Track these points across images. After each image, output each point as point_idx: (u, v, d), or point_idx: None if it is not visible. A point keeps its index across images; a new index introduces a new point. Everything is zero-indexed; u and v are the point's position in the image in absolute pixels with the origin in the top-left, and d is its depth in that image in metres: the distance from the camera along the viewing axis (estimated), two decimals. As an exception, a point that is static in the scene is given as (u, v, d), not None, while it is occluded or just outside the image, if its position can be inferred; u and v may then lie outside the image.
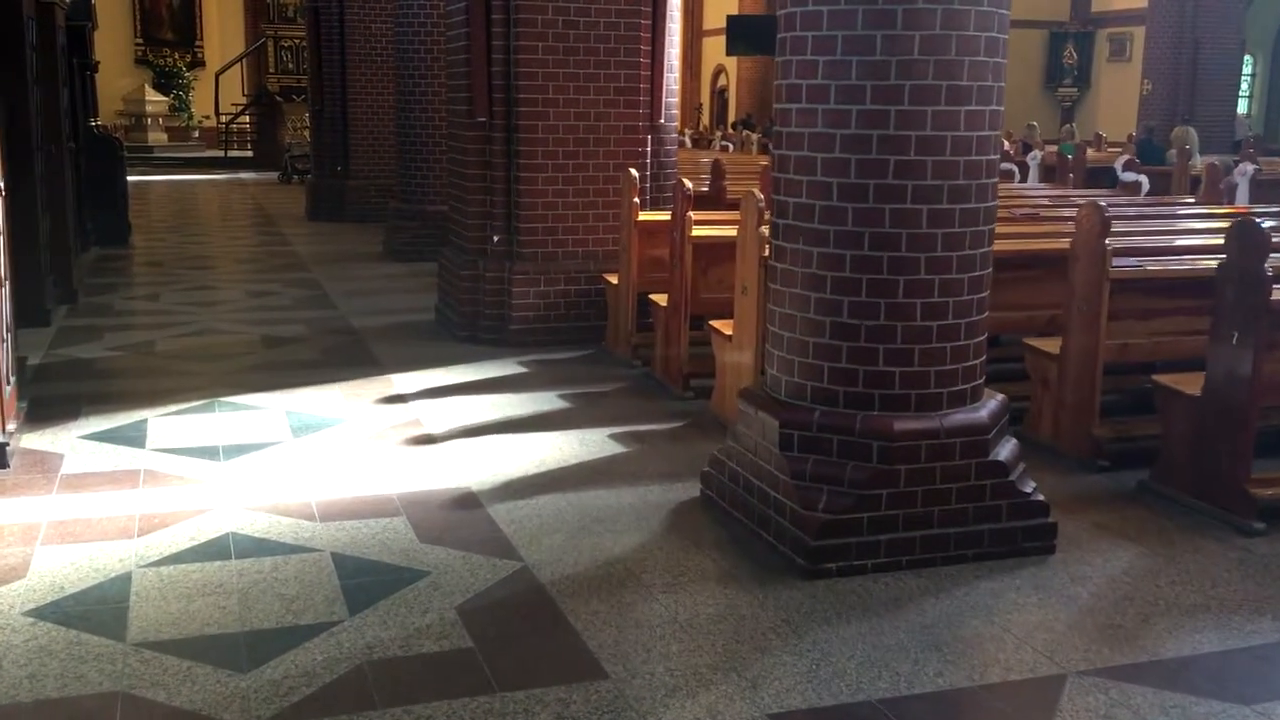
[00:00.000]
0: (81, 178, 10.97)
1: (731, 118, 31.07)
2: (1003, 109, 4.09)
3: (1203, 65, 19.05)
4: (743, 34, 27.41)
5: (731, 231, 6.34)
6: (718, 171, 8.98)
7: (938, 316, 4.03)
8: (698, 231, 6.34)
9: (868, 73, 3.88)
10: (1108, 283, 5.13)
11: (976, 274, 4.09)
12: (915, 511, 4.04)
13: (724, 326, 5.94)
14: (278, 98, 24.15)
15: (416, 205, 11.64)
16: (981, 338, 4.19)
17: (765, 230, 5.47)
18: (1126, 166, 11.50)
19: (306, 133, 23.60)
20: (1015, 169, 13.25)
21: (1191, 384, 4.76)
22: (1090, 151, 15.15)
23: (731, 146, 18.00)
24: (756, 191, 5.56)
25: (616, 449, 5.49)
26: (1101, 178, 13.65)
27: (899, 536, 4.03)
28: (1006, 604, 3.81)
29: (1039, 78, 29.94)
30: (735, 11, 29.19)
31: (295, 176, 20.70)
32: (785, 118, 4.15)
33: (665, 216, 7.08)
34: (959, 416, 4.09)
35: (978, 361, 4.19)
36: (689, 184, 6.39)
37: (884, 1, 3.82)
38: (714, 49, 31.17)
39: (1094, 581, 4.01)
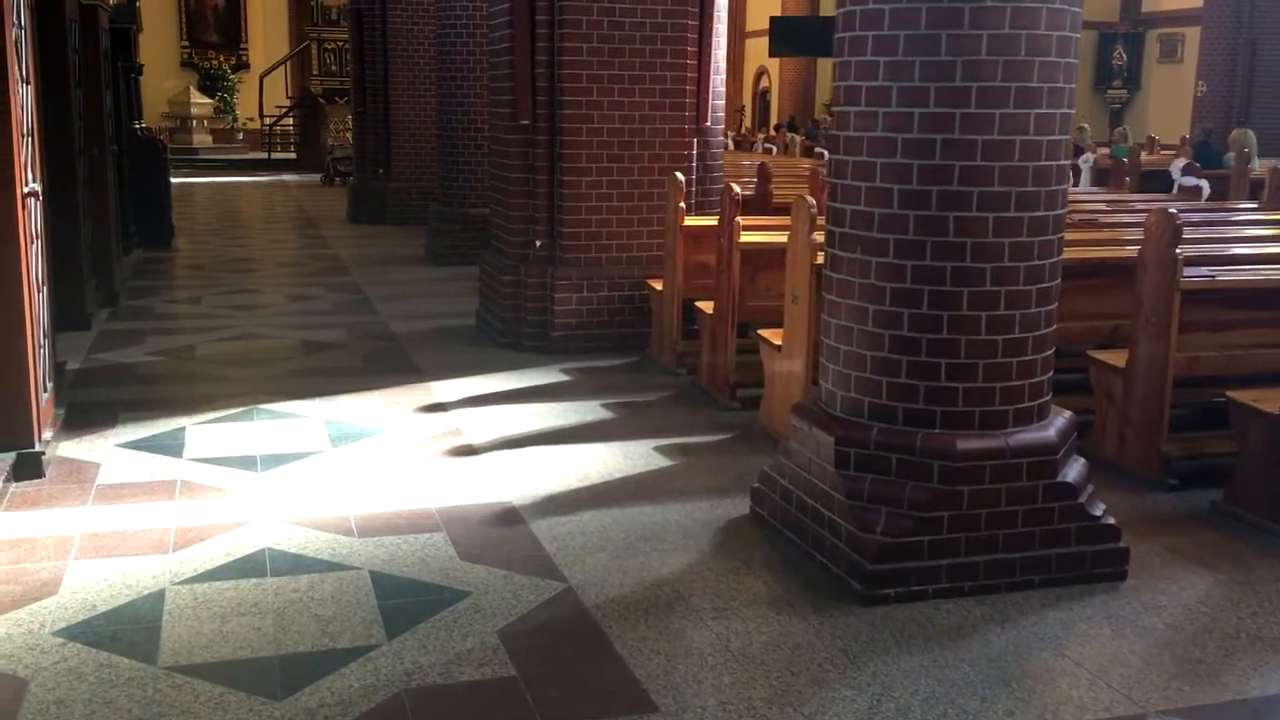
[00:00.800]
0: (125, 181, 10.96)
1: (774, 120, 30.84)
2: (1073, 112, 3.88)
3: (1260, 66, 18.59)
4: (786, 35, 27.24)
5: (780, 238, 6.16)
6: (764, 175, 8.80)
7: (1003, 330, 3.83)
8: (746, 238, 6.17)
9: (932, 74, 3.69)
10: (1178, 293, 4.90)
11: (1045, 285, 3.88)
12: (979, 535, 3.84)
13: (773, 336, 5.76)
14: (321, 100, 24.24)
15: (457, 208, 11.54)
16: (1049, 352, 3.99)
17: (818, 237, 5.30)
18: (1186, 171, 11.17)
19: (349, 135, 23.71)
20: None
21: (1269, 401, 4.52)
22: (1143, 154, 14.80)
23: (775, 149, 17.79)
24: (808, 197, 5.38)
25: (662, 462, 5.32)
26: (1155, 181, 13.33)
27: (961, 561, 3.83)
28: (1078, 635, 3.61)
29: (1088, 79, 29.45)
30: (778, 12, 28.99)
31: (337, 178, 20.73)
32: (843, 121, 3.97)
33: (712, 222, 6.91)
34: (1025, 435, 3.88)
35: (1045, 377, 3.99)
36: (737, 189, 6.22)
37: (950, -1, 3.63)
38: (756, 50, 30.95)
39: (1169, 611, 3.79)
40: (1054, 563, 3.92)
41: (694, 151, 7.67)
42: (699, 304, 6.66)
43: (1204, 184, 10.28)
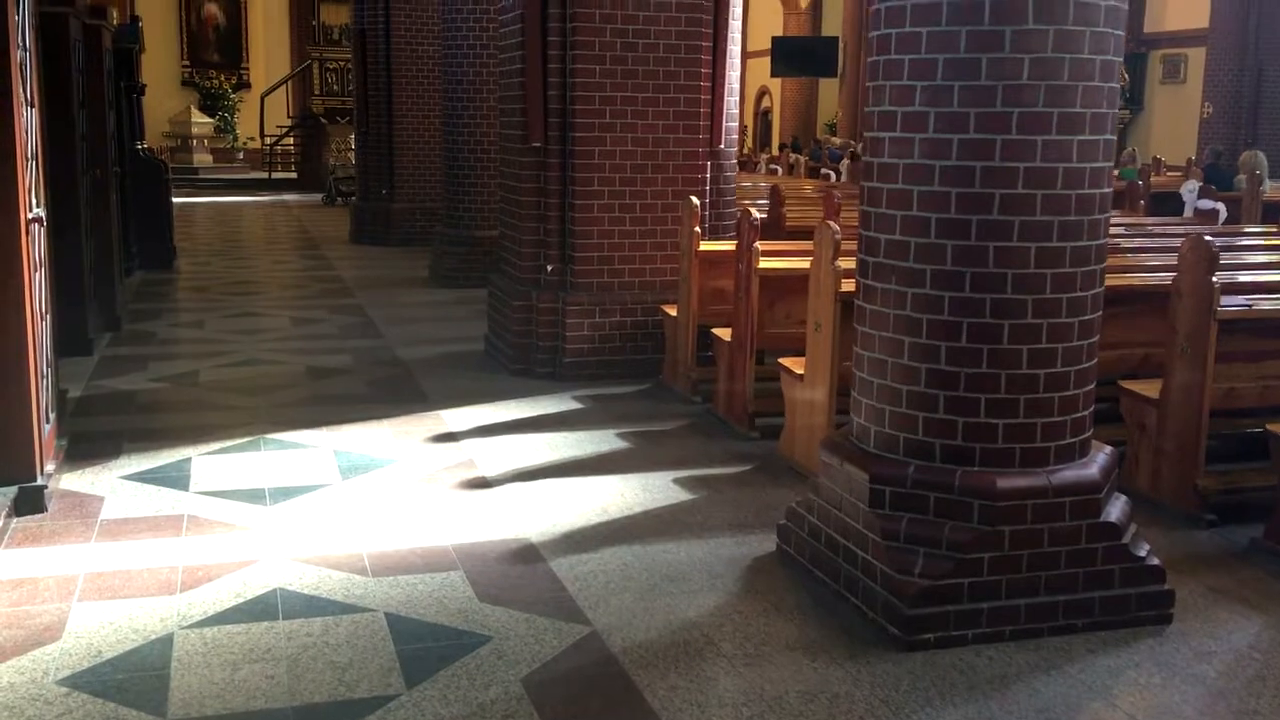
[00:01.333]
0: (126, 201, 10.83)
1: (775, 140, 30.80)
2: (1114, 139, 3.75)
3: (1266, 88, 18.53)
4: (788, 56, 27.19)
5: (800, 263, 6.04)
6: (777, 198, 8.68)
7: (1045, 364, 3.69)
8: (765, 263, 6.03)
9: (971, 99, 3.56)
10: (1215, 323, 4.76)
11: (1087, 318, 3.75)
12: (1020, 577, 3.69)
13: (794, 364, 5.62)
14: (322, 119, 24.18)
15: (463, 230, 11.41)
16: (1090, 386, 3.85)
17: (842, 264, 5.18)
18: (1202, 193, 11.05)
19: (351, 155, 23.61)
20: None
21: (1313, 435, 4.38)
22: (1151, 176, 14.70)
23: (780, 170, 17.70)
24: (832, 223, 5.25)
25: (682, 495, 5.17)
26: (1166, 204, 13.21)
27: (1003, 605, 3.68)
28: (1127, 684, 3.45)
29: (1090, 99, 29.39)
30: (780, 33, 28.97)
31: (339, 199, 20.65)
32: (876, 147, 3.84)
33: (728, 247, 6.78)
34: (1068, 473, 3.74)
35: (1086, 413, 3.85)
36: (756, 213, 6.09)
37: (990, 21, 3.50)
38: (757, 71, 30.90)
39: (1220, 658, 3.64)
40: (1098, 606, 3.77)
41: (708, 175, 7.55)
42: (715, 331, 6.52)
43: (1220, 207, 10.17)
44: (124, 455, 5.57)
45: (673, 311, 7.11)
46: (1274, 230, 8.70)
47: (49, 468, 4.96)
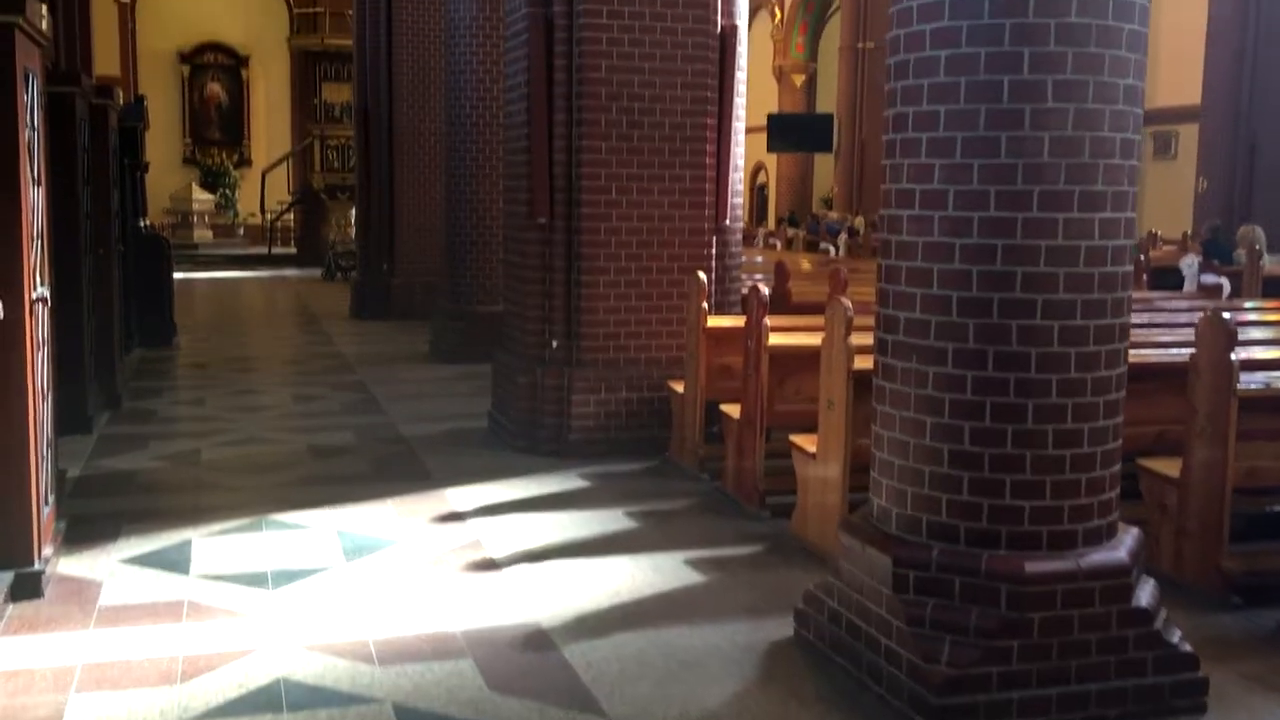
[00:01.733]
0: (128, 278, 10.81)
1: (772, 214, 31.04)
2: (1135, 216, 3.72)
3: (1260, 162, 18.69)
4: (783, 131, 27.55)
5: (809, 339, 5.99)
6: (782, 273, 8.66)
7: (1071, 444, 3.61)
8: (775, 340, 5.98)
9: (991, 177, 3.53)
10: (1235, 401, 4.70)
11: (1111, 397, 3.68)
12: (1050, 665, 3.58)
13: (806, 442, 5.54)
14: (322, 195, 24.29)
15: (465, 305, 11.37)
16: (1116, 467, 3.77)
17: (854, 340, 5.12)
18: (1204, 268, 11.07)
19: (350, 230, 23.73)
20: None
21: (1341, 515, 4.29)
22: (1149, 251, 14.75)
23: (779, 244, 17.78)
24: (843, 299, 5.20)
25: (694, 577, 5.06)
26: (1167, 278, 13.23)
27: (1033, 694, 3.56)
28: (1166, 778, 3.33)
29: (1083, 174, 29.68)
30: (775, 109, 29.34)
31: (339, 274, 20.68)
32: (895, 225, 3.80)
33: (736, 323, 6.74)
34: (1097, 556, 3.65)
35: (1113, 494, 3.76)
36: (765, 289, 6.05)
37: (1009, 99, 3.49)
38: (753, 146, 31.06)
39: (1260, 749, 3.52)
40: (1130, 695, 3.65)
41: (713, 250, 7.53)
42: (724, 408, 6.45)
43: (1224, 282, 10.16)
44: (123, 537, 5.45)
45: (679, 388, 7.05)
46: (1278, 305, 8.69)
47: (46, 551, 4.85)
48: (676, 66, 7.23)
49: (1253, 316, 7.53)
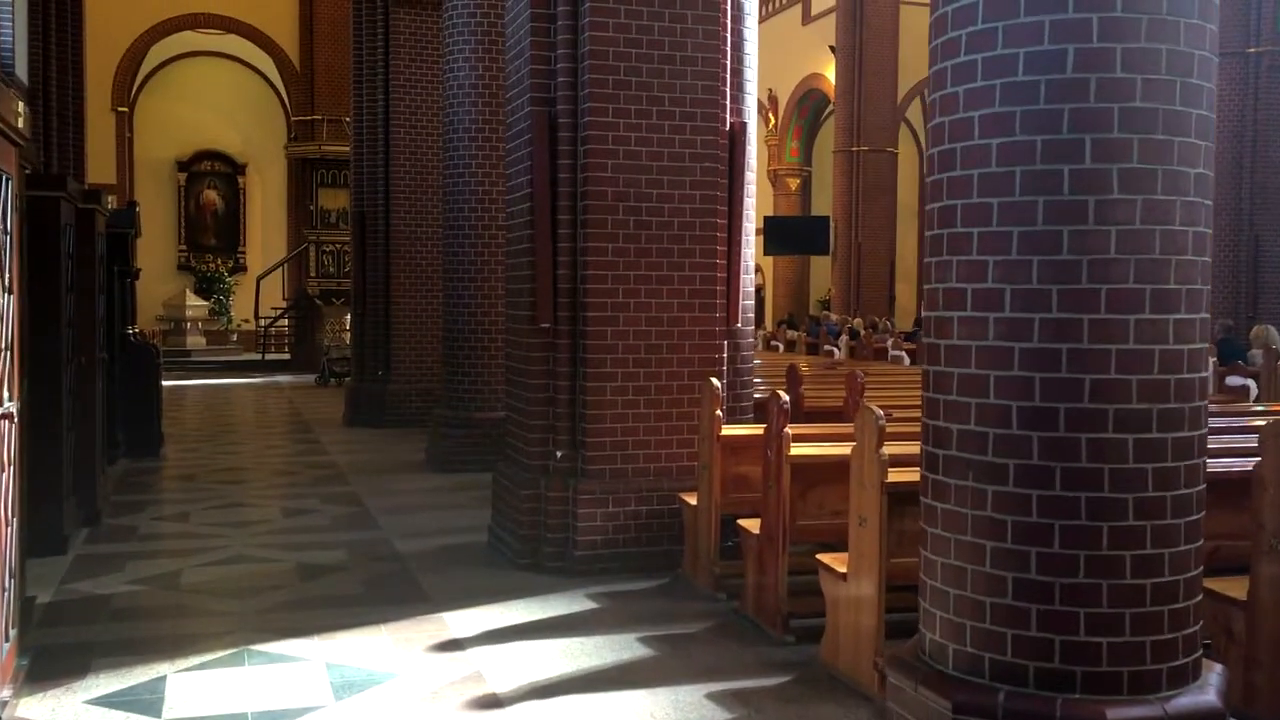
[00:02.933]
0: (114, 387, 10.45)
1: (770, 316, 30.89)
2: (1209, 317, 3.39)
3: (1265, 258, 18.56)
4: (780, 235, 27.53)
5: (834, 449, 5.64)
6: (794, 378, 8.32)
7: (1151, 573, 3.23)
8: (797, 450, 5.60)
9: (1053, 275, 3.21)
10: (1308, 515, 4.31)
11: (1193, 518, 3.31)
12: (1139, 827, 3.14)
13: (835, 561, 5.13)
14: (317, 300, 24.11)
15: (462, 412, 11.00)
16: (1199, 597, 3.38)
17: (887, 451, 4.75)
18: (1231, 369, 10.78)
19: (345, 335, 23.47)
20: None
21: None
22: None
23: (781, 346, 17.50)
24: (874, 407, 4.84)
25: (719, 713, 4.60)
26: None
27: None
28: None
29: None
30: (771, 212, 29.41)
31: (333, 379, 20.37)
32: (944, 328, 3.47)
33: (752, 431, 6.39)
34: (1185, 700, 3.23)
35: (1197, 628, 3.36)
36: (785, 396, 5.69)
37: (1070, 190, 3.18)
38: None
39: None
40: None
41: (724, 355, 7.20)
42: (742, 522, 6.04)
43: (1250, 384, 9.86)
44: (92, 673, 4.98)
45: (692, 500, 6.64)
46: (1313, 406, 8.35)
47: (5, 693, 4.40)
48: (685, 165, 6.98)
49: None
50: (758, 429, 6.45)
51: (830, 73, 28.42)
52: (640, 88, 6.87)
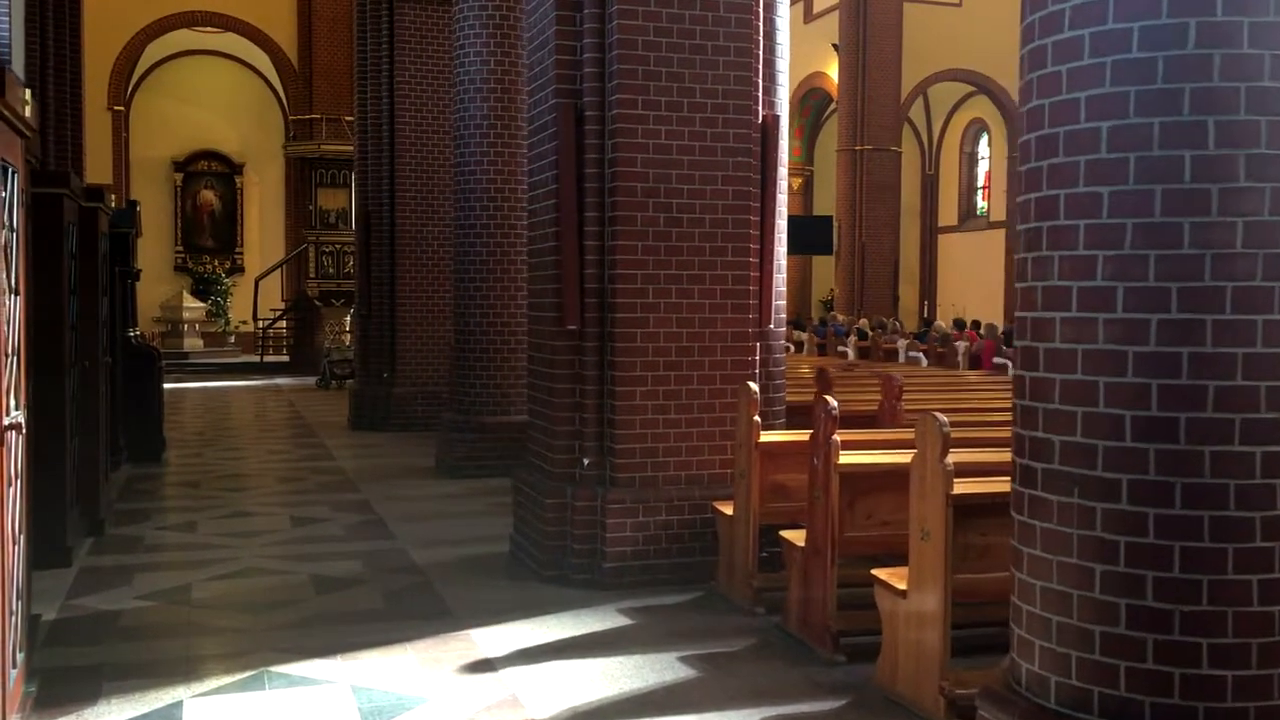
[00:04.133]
0: (116, 392, 10.14)
1: (774, 316, 30.57)
2: (1336, 316, 3.09)
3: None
4: (789, 235, 27.22)
5: (885, 457, 5.36)
6: (824, 381, 8.01)
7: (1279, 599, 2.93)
8: (847, 458, 5.31)
9: (1172, 271, 2.92)
10: None
11: (1323, 537, 3.01)
12: None
13: (893, 577, 4.83)
14: (316, 302, 23.78)
15: (474, 415, 10.68)
16: (1327, 622, 3.08)
17: (951, 461, 4.46)
18: None
19: (345, 337, 23.16)
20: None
21: None
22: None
23: (793, 348, 17.22)
24: (938, 414, 4.55)
25: (775, 742, 4.31)
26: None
27: None
28: None
29: (1085, 273, 29.45)
30: (775, 212, 29.08)
31: (334, 382, 20.06)
32: (1042, 330, 3.17)
33: (793, 437, 6.11)
34: (1319, 739, 2.94)
35: (1327, 656, 3.07)
36: (833, 401, 5.40)
37: (1191, 178, 2.89)
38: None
39: None
40: None
41: (756, 357, 6.90)
42: (785, 534, 5.74)
43: None
44: (104, 698, 4.68)
45: (727, 509, 6.35)
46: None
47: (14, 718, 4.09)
48: (717, 159, 6.69)
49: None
50: (798, 435, 6.17)
51: (833, 71, 28.16)
52: (671, 79, 6.58)
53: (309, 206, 25.63)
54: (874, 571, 4.96)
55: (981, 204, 31.94)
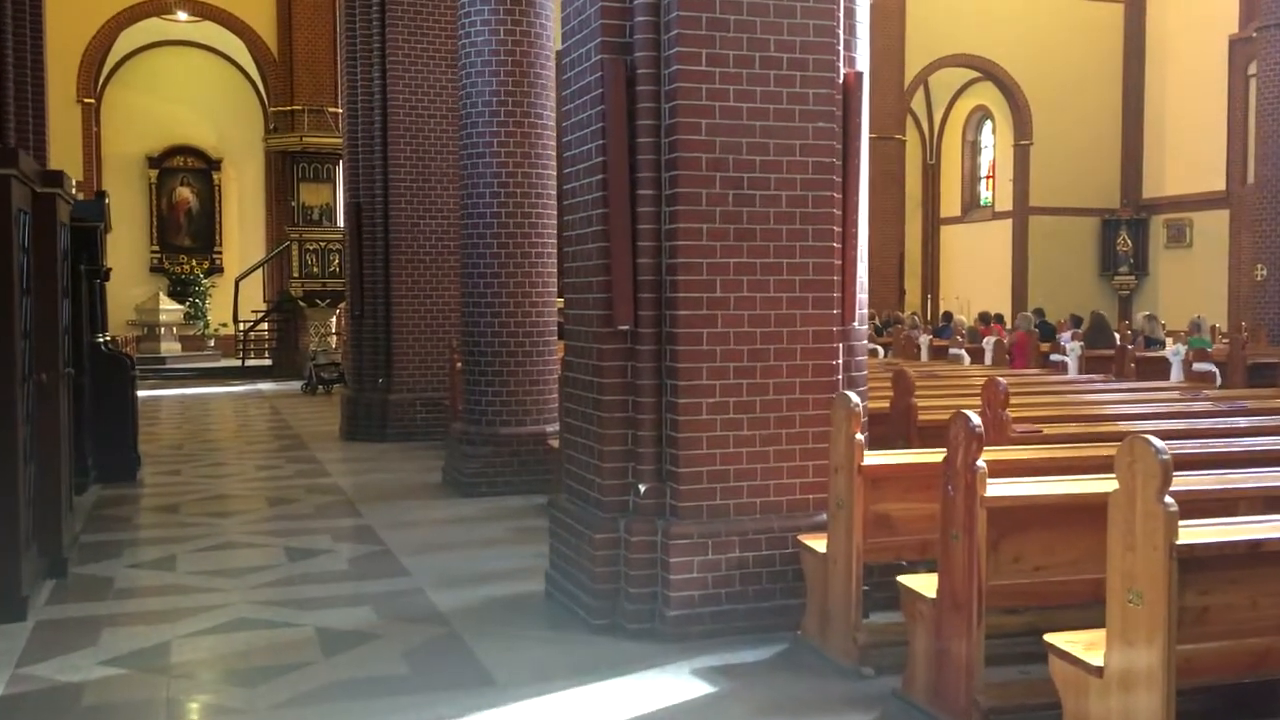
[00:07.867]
0: (82, 405, 8.99)
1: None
2: None
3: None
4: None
5: (1051, 488, 4.30)
6: (903, 386, 6.94)
7: None
8: (996, 490, 4.23)
9: None
10: None
11: None
12: None
13: (1077, 645, 3.76)
14: (300, 302, 22.57)
15: (485, 428, 9.56)
16: None
17: (1173, 501, 3.39)
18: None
19: (332, 339, 21.98)
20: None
21: None
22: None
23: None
24: (1152, 438, 3.47)
25: None
26: (1259, 375, 11.72)
27: None
28: None
29: (1093, 265, 28.65)
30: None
31: (320, 387, 18.92)
32: None
33: (906, 459, 5.05)
34: None
35: None
36: (975, 418, 4.31)
37: None
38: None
39: None
40: None
41: (839, 360, 5.83)
42: (905, 580, 4.66)
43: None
44: (54, 823, 3.57)
45: (817, 544, 5.27)
46: None
47: None
48: (794, 125, 5.60)
49: None
50: (914, 456, 5.13)
51: (836, 57, 27.13)
52: (740, 28, 5.49)
53: (291, 202, 24.37)
54: (1047, 638, 3.88)
55: (985, 194, 31.02)
